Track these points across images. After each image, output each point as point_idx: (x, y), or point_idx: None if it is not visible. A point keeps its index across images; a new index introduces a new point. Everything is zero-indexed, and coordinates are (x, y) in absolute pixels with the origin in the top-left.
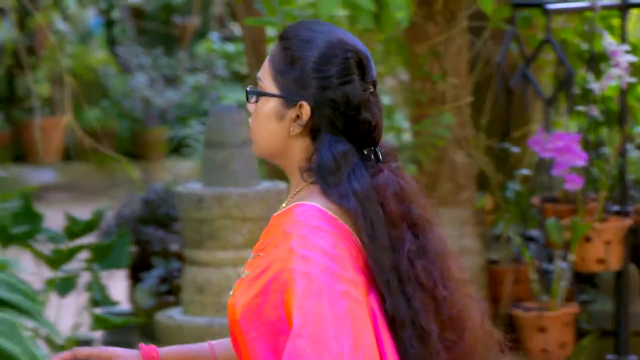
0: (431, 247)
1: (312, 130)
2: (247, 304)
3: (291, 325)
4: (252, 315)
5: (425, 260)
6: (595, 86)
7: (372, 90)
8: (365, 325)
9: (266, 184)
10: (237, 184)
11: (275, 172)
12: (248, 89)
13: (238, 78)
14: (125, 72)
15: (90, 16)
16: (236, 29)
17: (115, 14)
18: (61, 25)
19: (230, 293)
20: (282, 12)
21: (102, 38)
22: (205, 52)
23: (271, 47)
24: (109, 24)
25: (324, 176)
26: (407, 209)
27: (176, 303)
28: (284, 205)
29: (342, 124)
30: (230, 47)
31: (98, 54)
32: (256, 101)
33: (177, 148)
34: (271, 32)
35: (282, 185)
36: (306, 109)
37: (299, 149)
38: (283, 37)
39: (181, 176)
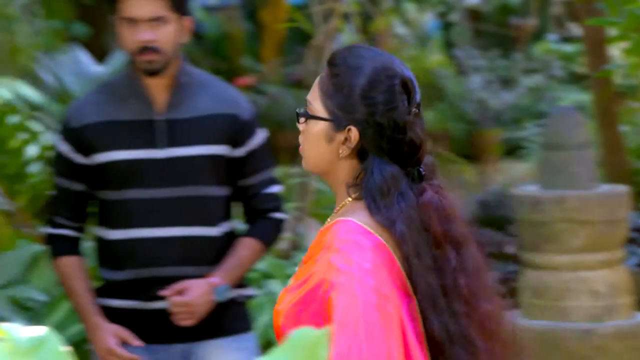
0: (471, 263)
1: (360, 152)
2: (287, 312)
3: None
4: (291, 322)
5: (467, 276)
6: None
7: (416, 112)
8: (396, 337)
9: (606, 187)
10: (576, 186)
11: (615, 176)
12: (298, 111)
13: (576, 79)
14: (461, 74)
15: (429, 19)
16: (575, 29)
17: (453, 17)
18: (401, 29)
19: (277, 302)
20: (625, 12)
21: (439, 41)
22: (542, 53)
23: (320, 73)
24: (447, 26)
25: (374, 197)
26: (449, 227)
27: (514, 306)
28: (328, 220)
29: (388, 145)
30: (568, 48)
31: (435, 57)
32: (306, 122)
33: (512, 150)
34: (613, 32)
35: (621, 188)
36: (355, 133)
37: (346, 169)
38: (331, 64)
39: (516, 178)
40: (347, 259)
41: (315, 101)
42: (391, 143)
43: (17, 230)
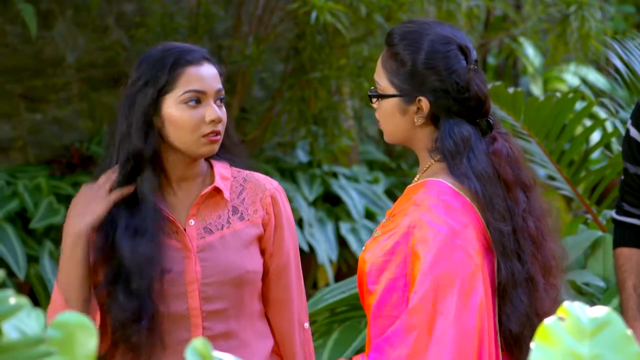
0: (537, 205)
1: (433, 118)
2: (375, 260)
3: (413, 284)
4: (377, 270)
5: (534, 218)
6: None
7: (475, 67)
8: (478, 289)
9: None
10: None
11: None
12: (370, 93)
13: None
14: None
15: None
16: None
17: None
18: None
19: (363, 249)
20: None
21: None
22: None
23: (382, 52)
24: None
25: (447, 158)
26: (519, 171)
27: None
28: (416, 179)
29: (457, 106)
30: None
31: None
32: (378, 100)
33: None
34: None
35: None
36: (425, 103)
37: (424, 135)
38: (390, 44)
39: None
40: (437, 217)
41: (381, 80)
42: (458, 103)
43: (577, 216)
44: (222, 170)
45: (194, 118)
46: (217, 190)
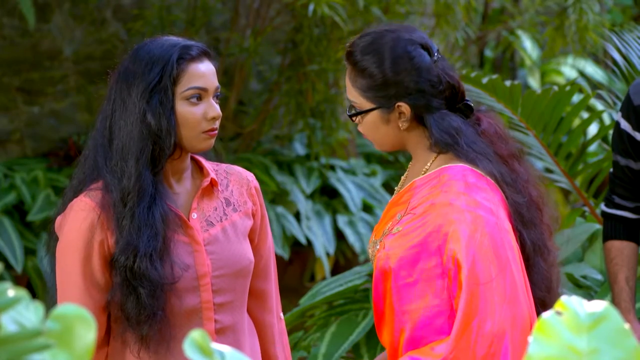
0: (530, 175)
1: (417, 118)
2: (403, 255)
3: (459, 269)
4: (407, 264)
5: (532, 185)
6: None
7: (439, 57)
8: (520, 267)
9: None
10: None
11: None
12: (348, 113)
13: None
14: None
15: None
16: None
17: None
18: None
19: (377, 247)
20: None
21: None
22: None
23: (347, 70)
24: None
25: (450, 148)
26: (507, 144)
27: None
28: (423, 171)
29: (435, 100)
30: None
31: None
32: (357, 118)
33: None
34: None
35: None
36: (405, 107)
37: (415, 136)
38: (352, 61)
39: None
40: (468, 199)
41: (356, 98)
42: (436, 97)
43: (575, 208)
44: (206, 164)
45: (196, 115)
46: (211, 183)
